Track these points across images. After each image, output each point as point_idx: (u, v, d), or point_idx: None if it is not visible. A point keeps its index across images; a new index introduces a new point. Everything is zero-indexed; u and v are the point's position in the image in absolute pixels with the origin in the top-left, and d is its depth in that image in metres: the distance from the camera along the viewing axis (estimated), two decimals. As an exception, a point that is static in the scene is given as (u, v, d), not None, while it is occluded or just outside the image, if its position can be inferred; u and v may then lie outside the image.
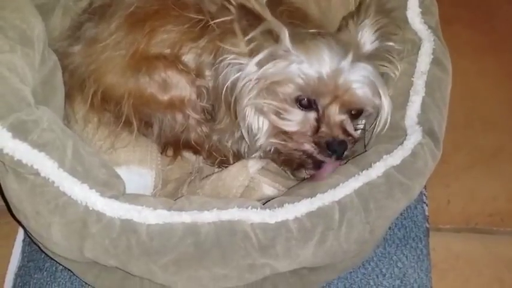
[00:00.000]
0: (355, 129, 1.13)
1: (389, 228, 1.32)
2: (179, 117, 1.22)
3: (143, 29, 1.19)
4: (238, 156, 1.26)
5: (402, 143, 1.03)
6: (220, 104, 1.17)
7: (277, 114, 1.11)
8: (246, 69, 1.09)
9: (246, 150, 1.24)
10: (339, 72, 1.05)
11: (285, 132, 1.11)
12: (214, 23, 1.15)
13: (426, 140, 1.04)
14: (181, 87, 1.19)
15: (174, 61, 1.19)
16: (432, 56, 1.12)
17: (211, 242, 0.92)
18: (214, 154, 1.27)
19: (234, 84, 1.10)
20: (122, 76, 1.19)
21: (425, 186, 1.44)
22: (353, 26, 1.10)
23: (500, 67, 1.74)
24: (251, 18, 1.06)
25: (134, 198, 0.94)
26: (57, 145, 0.93)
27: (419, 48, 1.13)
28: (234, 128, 1.20)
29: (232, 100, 1.12)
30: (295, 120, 1.10)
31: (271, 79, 1.08)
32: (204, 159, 1.29)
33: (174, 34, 1.20)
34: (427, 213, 1.39)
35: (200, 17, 1.19)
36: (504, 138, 1.60)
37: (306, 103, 1.09)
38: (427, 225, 1.37)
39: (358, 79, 1.06)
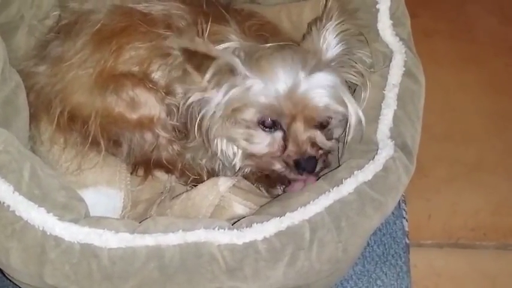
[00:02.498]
0: (329, 138, 1.11)
1: (368, 245, 1.29)
2: (148, 136, 1.19)
3: (110, 46, 1.16)
4: (212, 174, 1.23)
5: (373, 157, 1.00)
6: (192, 124, 1.14)
7: (245, 139, 1.10)
8: (208, 106, 1.08)
9: (220, 167, 1.22)
10: (296, 87, 1.03)
11: (259, 155, 1.11)
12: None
13: (398, 154, 1.01)
14: (150, 105, 1.17)
15: (142, 79, 1.17)
16: (404, 68, 1.10)
17: (176, 266, 0.88)
18: (187, 173, 1.23)
19: (202, 119, 1.10)
20: (89, 95, 1.16)
21: (404, 200, 1.42)
22: (316, 31, 1.07)
23: (480, 78, 1.74)
24: (200, 57, 1.04)
25: (96, 222, 0.91)
26: (13, 168, 0.90)
27: (390, 61, 1.11)
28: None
29: (204, 132, 1.11)
30: (262, 143, 1.09)
31: (232, 107, 1.07)
32: (176, 179, 1.26)
33: (142, 51, 1.18)
34: (406, 229, 1.36)
35: (169, 33, 1.17)
36: (485, 150, 1.59)
37: (269, 124, 1.08)
38: (407, 241, 1.34)
39: (317, 90, 1.04)
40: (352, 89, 1.16)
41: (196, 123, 1.10)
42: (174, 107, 1.18)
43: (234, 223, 0.97)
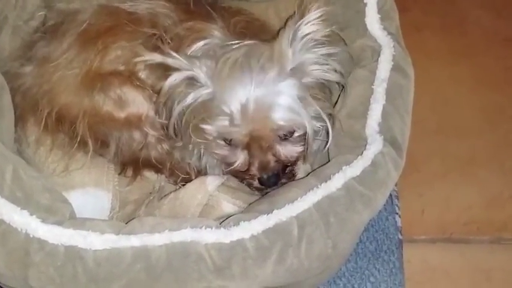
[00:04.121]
0: (299, 143, 1.08)
1: (360, 241, 1.28)
2: (137, 135, 1.18)
3: (96, 46, 1.15)
4: (201, 173, 1.21)
5: (362, 153, 0.99)
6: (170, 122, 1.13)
7: (212, 151, 1.10)
8: (174, 113, 1.06)
9: (208, 167, 1.20)
10: (251, 106, 0.99)
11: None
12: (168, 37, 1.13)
13: (387, 149, 1.00)
14: (138, 103, 1.16)
15: (129, 77, 1.16)
16: (392, 63, 1.09)
17: (163, 266, 0.87)
18: (177, 172, 1.22)
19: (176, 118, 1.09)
20: (76, 95, 1.15)
21: (397, 196, 1.41)
22: (287, 31, 1.02)
23: (471, 72, 1.73)
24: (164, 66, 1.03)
25: (80, 223, 0.89)
26: (-5, 170, 0.88)
27: (379, 55, 1.10)
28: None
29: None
30: (227, 157, 1.09)
31: (197, 119, 1.05)
32: (166, 178, 1.24)
33: (128, 50, 1.17)
34: (399, 225, 1.35)
35: (154, 31, 1.16)
36: (478, 144, 1.58)
37: (232, 141, 1.06)
38: (400, 237, 1.33)
39: (273, 109, 1.00)
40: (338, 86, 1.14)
41: (172, 131, 1.10)
42: (162, 105, 1.17)
43: (222, 222, 0.95)
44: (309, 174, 1.05)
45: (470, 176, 1.52)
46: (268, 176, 1.06)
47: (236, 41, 1.06)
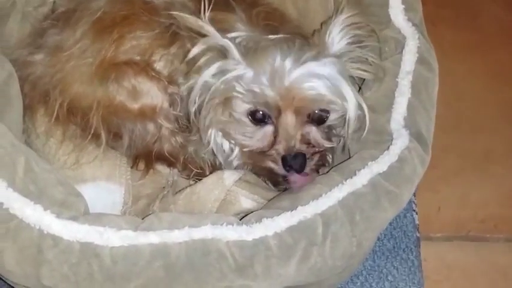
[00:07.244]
0: (328, 138, 1.04)
1: (378, 239, 1.25)
2: (150, 127, 1.14)
3: (111, 35, 1.11)
4: (215, 168, 1.18)
5: (388, 148, 0.95)
6: (190, 110, 1.09)
7: (237, 132, 1.05)
8: (196, 88, 1.02)
9: (222, 161, 1.16)
10: (286, 76, 0.96)
11: (251, 150, 1.05)
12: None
13: (414, 144, 0.97)
14: (153, 94, 1.12)
15: (144, 67, 1.12)
16: (417, 55, 1.06)
17: (183, 264, 0.83)
18: (190, 166, 1.19)
19: (197, 104, 1.05)
20: (89, 85, 1.11)
21: (414, 193, 1.37)
22: (324, 26, 1.01)
23: (487, 67, 1.70)
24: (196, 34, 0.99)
25: (96, 219, 0.85)
26: (6, 162, 0.84)
27: (403, 47, 1.06)
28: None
29: (199, 122, 1.06)
30: (253, 137, 1.04)
31: (223, 96, 1.01)
32: (179, 172, 1.21)
33: (144, 40, 1.13)
34: (417, 222, 1.32)
35: (171, 22, 1.11)
36: (494, 140, 1.56)
37: (260, 117, 1.02)
38: (418, 235, 1.30)
39: (308, 80, 0.96)
40: (361, 81, 1.11)
41: (193, 108, 1.05)
42: (177, 97, 1.13)
43: (242, 218, 0.92)
44: (331, 169, 1.01)
45: (486, 172, 1.49)
46: (293, 155, 0.99)
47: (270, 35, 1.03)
